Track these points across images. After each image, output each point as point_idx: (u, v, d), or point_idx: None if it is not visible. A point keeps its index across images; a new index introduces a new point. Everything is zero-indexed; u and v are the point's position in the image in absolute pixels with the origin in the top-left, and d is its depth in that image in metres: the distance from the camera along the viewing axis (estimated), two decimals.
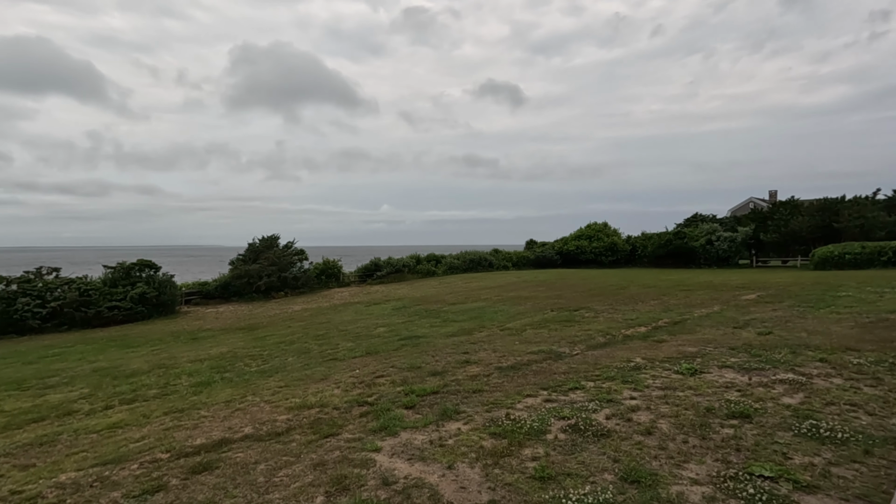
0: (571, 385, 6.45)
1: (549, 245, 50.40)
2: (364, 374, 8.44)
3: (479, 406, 5.79)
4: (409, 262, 34.77)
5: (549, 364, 7.97)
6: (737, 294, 17.46)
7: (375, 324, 16.40)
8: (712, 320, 11.92)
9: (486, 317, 15.81)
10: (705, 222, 46.25)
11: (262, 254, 28.63)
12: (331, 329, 16.05)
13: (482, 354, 9.42)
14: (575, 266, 46.36)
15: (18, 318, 20.29)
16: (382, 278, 32.69)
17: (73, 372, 12.88)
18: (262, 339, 15.50)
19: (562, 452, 4.25)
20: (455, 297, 22.58)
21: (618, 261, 48.14)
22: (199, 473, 4.36)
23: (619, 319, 13.11)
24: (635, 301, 16.91)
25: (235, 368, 11.10)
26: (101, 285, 22.58)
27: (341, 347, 12.42)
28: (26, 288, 21.19)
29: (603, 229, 51.58)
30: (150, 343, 17.22)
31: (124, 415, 7.54)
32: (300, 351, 12.54)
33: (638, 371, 7.03)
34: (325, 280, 31.68)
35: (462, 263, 38.61)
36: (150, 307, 22.97)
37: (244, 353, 12.98)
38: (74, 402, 9.29)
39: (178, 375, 10.90)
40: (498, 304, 18.85)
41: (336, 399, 6.67)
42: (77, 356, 15.45)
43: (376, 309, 20.98)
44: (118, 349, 16.43)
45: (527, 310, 16.78)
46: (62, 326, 20.93)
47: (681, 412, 5.10)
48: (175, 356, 13.74)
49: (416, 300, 22.93)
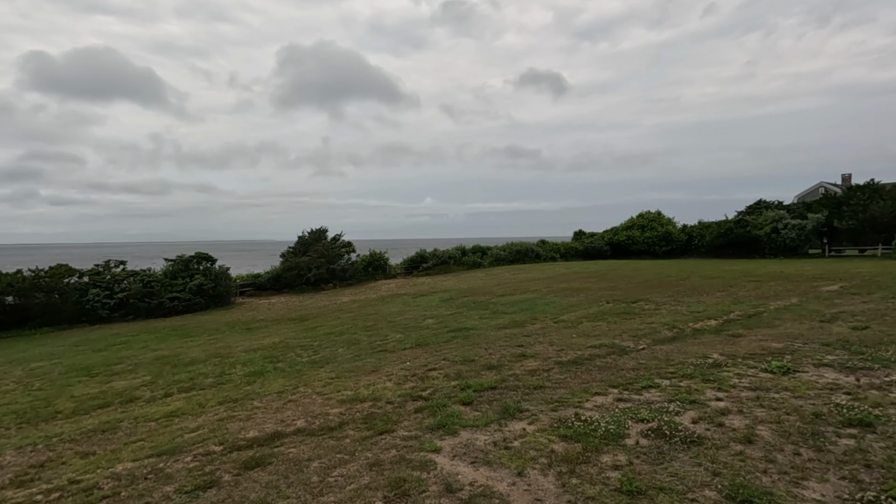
0: (644, 383, 5.85)
1: (598, 235, 48.65)
2: (415, 367, 8.13)
3: (543, 404, 5.31)
4: (454, 253, 34.45)
5: (613, 359, 7.36)
6: (815, 285, 15.94)
7: (423, 315, 16.16)
8: (793, 313, 10.81)
9: (538, 308, 15.21)
10: (770, 209, 43.13)
11: (311, 246, 29.13)
12: (379, 320, 15.96)
13: (538, 348, 8.90)
14: (626, 257, 44.55)
15: (90, 308, 21.56)
16: (428, 270, 32.56)
17: (136, 360, 13.40)
18: (312, 329, 15.62)
19: (647, 461, 3.72)
20: (503, 289, 22.03)
21: (672, 251, 45.88)
22: (251, 469, 4.15)
23: (685, 312, 12.18)
24: (699, 292, 15.78)
25: (287, 358, 11.13)
26: (163, 277, 23.64)
27: (390, 339, 12.23)
28: (96, 280, 22.48)
29: (656, 218, 49.26)
30: (207, 333, 17.78)
31: (181, 403, 7.59)
32: (350, 342, 12.46)
33: (718, 368, 6.32)
34: (371, 272, 31.90)
35: (508, 255, 37.88)
36: (207, 298, 23.84)
37: (295, 344, 13.05)
38: (137, 389, 9.55)
39: (232, 365, 11.05)
40: (548, 296, 18.16)
41: (389, 392, 6.37)
42: (141, 344, 16.14)
43: (423, 300, 20.78)
44: (178, 338, 17.06)
45: (580, 301, 16.02)
46: (128, 316, 22.07)
47: (782, 417, 4.42)
48: (230, 346, 14.04)
49: (463, 292, 22.57)
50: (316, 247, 28.76)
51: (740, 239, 40.61)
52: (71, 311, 21.32)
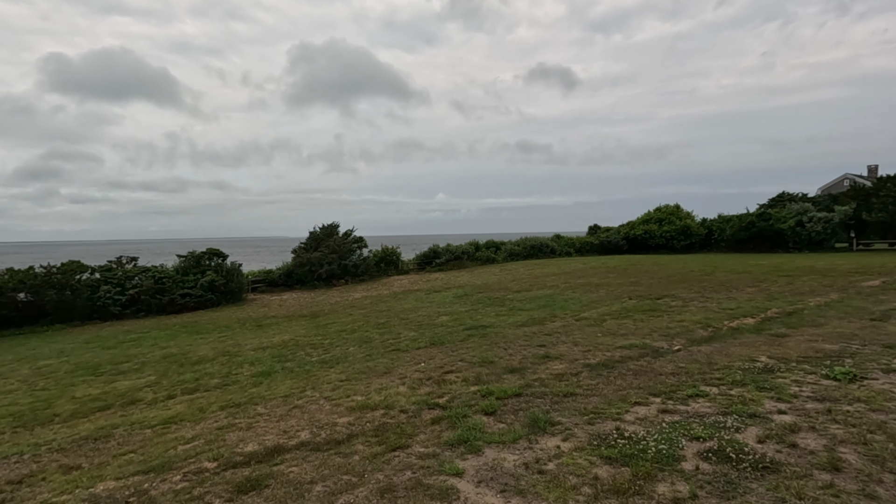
0: (689, 391, 5.20)
1: (613, 230, 47.59)
2: (431, 369, 7.57)
3: (577, 415, 4.70)
4: (468, 248, 33.82)
5: (648, 362, 6.70)
6: (853, 280, 15.02)
7: (437, 312, 15.60)
8: (836, 310, 10.01)
9: (557, 305, 14.55)
10: (794, 202, 41.68)
11: (322, 242, 28.73)
12: (392, 317, 15.44)
13: (562, 348, 8.26)
14: (643, 252, 43.48)
15: (101, 305, 21.39)
16: (441, 266, 31.97)
17: (144, 358, 13.06)
18: (323, 327, 15.16)
19: (715, 493, 3.09)
20: (519, 285, 21.37)
21: (691, 245, 44.70)
22: (245, 493, 3.62)
23: (716, 309, 11.43)
24: (728, 288, 14.96)
25: (297, 358, 10.65)
26: (174, 273, 23.40)
27: (403, 337, 11.68)
28: (107, 276, 22.30)
29: (674, 212, 48.03)
30: (218, 330, 17.43)
31: (182, 407, 7.13)
32: (361, 340, 11.95)
33: (771, 374, 5.63)
34: (384, 267, 31.42)
35: (523, 250, 37.13)
36: (218, 294, 23.55)
37: (306, 342, 12.59)
38: (140, 391, 9.14)
39: (240, 364, 10.61)
40: (567, 292, 17.47)
41: (402, 399, 5.81)
42: (151, 342, 15.84)
43: (437, 297, 20.22)
44: (188, 335, 16.74)
45: (601, 298, 15.31)
46: (139, 313, 21.86)
47: (867, 436, 3.75)
48: (240, 343, 13.63)
49: (477, 288, 21.96)
50: (327, 242, 28.35)
51: (763, 233, 39.33)
52: (83, 308, 21.17)
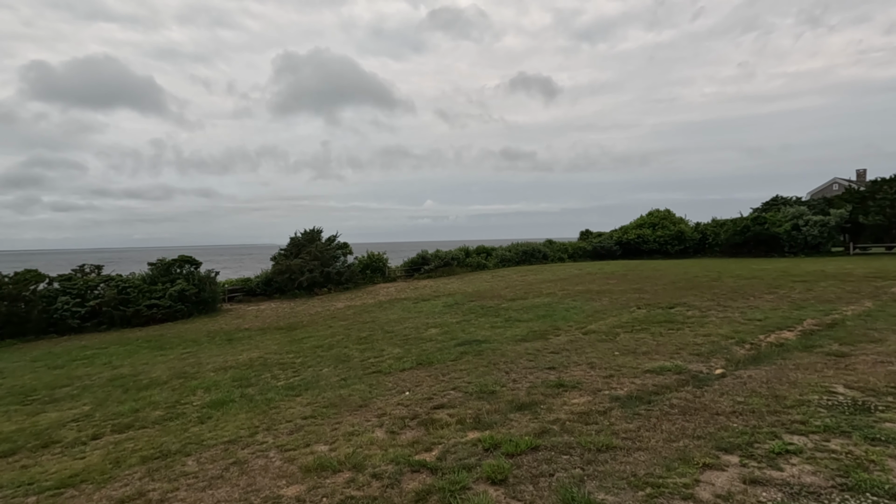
0: (771, 443, 3.80)
1: (606, 235, 46.65)
2: (417, 401, 6.09)
3: (627, 488, 3.26)
4: (458, 254, 32.40)
5: (692, 394, 5.30)
6: (878, 286, 13.85)
7: (426, 324, 14.11)
8: (885, 322, 8.74)
9: (558, 315, 13.15)
10: (789, 205, 41.05)
11: (304, 248, 27.09)
12: (375, 330, 13.92)
13: (577, 372, 6.84)
14: (637, 257, 42.52)
15: (59, 318, 19.54)
16: (430, 272, 30.50)
17: (90, 380, 11.37)
18: (298, 341, 13.58)
19: None
20: (513, 292, 19.97)
21: (685, 250, 43.88)
22: None
23: (741, 319, 10.11)
24: (743, 295, 13.70)
25: (260, 381, 9.08)
26: (141, 283, 21.60)
27: (387, 355, 10.17)
28: (66, 286, 20.46)
29: (667, 216, 47.27)
30: (183, 344, 15.75)
31: (98, 456, 5.55)
32: (338, 358, 10.41)
33: (869, 414, 4.26)
34: (370, 275, 29.86)
35: (514, 255, 35.82)
36: (190, 305, 21.80)
37: (275, 360, 11.01)
38: (63, 427, 7.51)
39: (193, 390, 9.01)
40: (566, 300, 16.10)
41: (378, 453, 4.32)
42: (105, 360, 14.11)
43: (426, 306, 18.73)
44: (149, 351, 15.03)
45: (605, 307, 13.96)
46: (101, 326, 20.06)
47: None
48: (201, 362, 12.00)
49: (469, 296, 20.51)
50: (309, 248, 26.72)
51: (758, 237, 38.57)
52: (38, 322, 19.29)
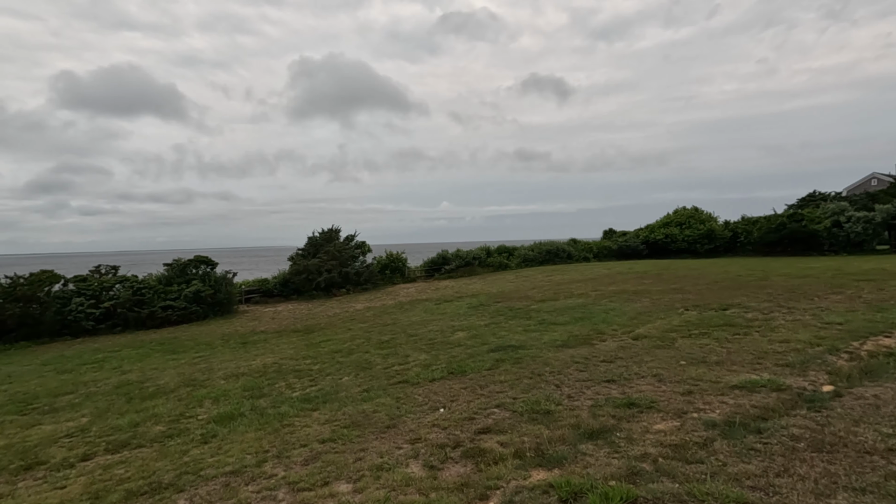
0: None
1: (630, 234, 45.12)
2: (455, 421, 5.09)
3: None
4: (479, 254, 31.35)
5: (811, 420, 4.18)
6: None
7: (451, 326, 13.11)
8: None
9: (597, 318, 12.02)
10: (829, 201, 38.97)
11: (321, 247, 26.36)
12: (398, 333, 12.97)
13: (644, 387, 5.75)
14: (664, 256, 40.91)
15: (73, 320, 19.07)
16: (451, 273, 29.50)
17: (95, 387, 10.65)
18: (316, 345, 12.71)
19: None
20: (541, 293, 18.84)
21: (716, 249, 42.05)
22: None
23: (816, 324, 8.86)
24: (805, 296, 12.36)
25: (273, 392, 8.19)
26: (156, 283, 21.07)
27: (412, 361, 9.19)
28: (81, 287, 20.01)
29: (694, 214, 45.52)
30: (196, 348, 15.04)
31: (77, 489, 4.67)
32: (359, 365, 9.47)
33: None
34: (389, 275, 29.00)
35: (537, 255, 34.60)
36: (205, 306, 21.19)
37: (290, 367, 10.13)
38: (55, 444, 6.71)
39: (201, 400, 8.16)
40: (602, 301, 14.93)
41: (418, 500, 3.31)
42: (115, 364, 13.45)
43: (449, 307, 17.73)
44: (161, 355, 14.35)
45: (648, 308, 12.77)
46: (116, 328, 19.54)
47: None
48: (212, 368, 11.20)
49: (493, 296, 19.45)
50: (327, 248, 25.96)
51: (795, 234, 36.60)
52: (52, 323, 18.86)
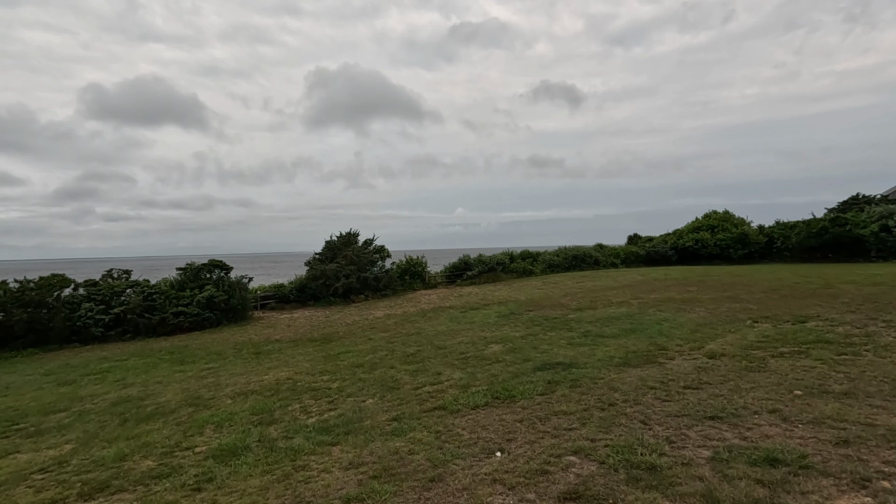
0: None
1: (658, 239, 43.32)
2: (523, 475, 3.80)
3: None
4: (503, 259, 29.97)
5: None
6: None
7: (483, 338, 11.80)
8: None
9: (650, 330, 10.58)
10: (873, 204, 36.65)
11: (340, 252, 25.31)
12: (424, 344, 11.71)
13: (769, 429, 4.36)
14: (695, 262, 39.02)
15: (82, 326, 18.26)
16: (474, 279, 28.17)
17: (91, 403, 9.60)
18: (334, 358, 11.51)
19: None
20: (576, 301, 17.40)
21: (750, 255, 39.97)
22: None
23: None
24: (893, 306, 10.75)
25: (286, 416, 6.97)
26: (169, 289, 20.20)
27: (446, 380, 7.90)
28: (92, 292, 19.24)
29: (727, 218, 43.56)
30: (206, 358, 13.99)
31: None
32: (384, 384, 8.22)
33: None
34: (408, 281, 27.80)
35: (563, 261, 33.08)
36: (219, 313, 20.24)
37: (306, 384, 8.93)
38: (24, 481, 5.58)
39: (202, 426, 6.99)
40: (648, 311, 13.46)
41: None
42: (118, 376, 12.45)
43: (477, 316, 16.41)
44: (169, 366, 13.32)
45: (707, 320, 11.28)
46: (126, 335, 18.69)
47: None
48: (220, 384, 10.07)
49: (523, 304, 18.08)
50: (345, 252, 24.90)
51: (838, 239, 34.38)
52: (61, 330, 18.08)
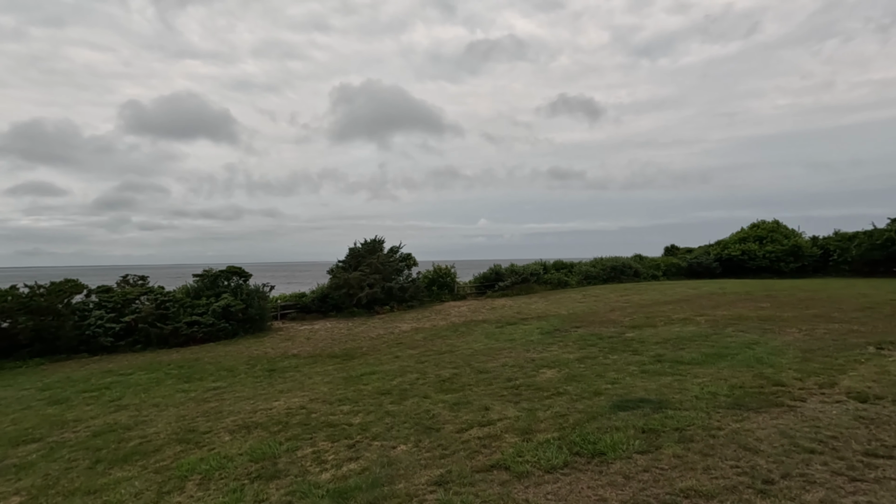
0: None
1: (700, 251, 40.79)
2: None
3: None
4: (536, 269, 27.99)
5: None
6: None
7: (531, 360, 9.93)
8: None
9: (742, 356, 8.55)
10: None
11: (364, 259, 23.80)
12: (460, 366, 9.92)
13: None
14: (741, 275, 36.34)
15: (91, 335, 17.10)
16: (505, 290, 26.28)
17: (72, 432, 8.12)
18: (356, 380, 9.82)
19: None
20: (628, 317, 15.35)
21: (803, 268, 37.08)
22: None
23: None
24: None
25: (293, 469, 5.28)
26: (183, 296, 18.97)
27: (498, 420, 6.09)
28: (103, 299, 18.14)
29: (776, 229, 40.69)
30: (215, 374, 12.50)
31: None
32: (419, 421, 6.45)
33: None
34: (436, 291, 26.11)
35: (601, 272, 30.90)
36: (235, 323, 18.90)
37: (322, 416, 7.23)
38: None
39: (184, 477, 5.35)
40: (725, 330, 11.38)
41: None
42: (116, 394, 11.02)
43: (516, 332, 14.52)
44: (174, 383, 11.87)
45: (809, 344, 9.17)
46: (136, 345, 17.45)
47: None
48: (222, 410, 8.47)
49: (567, 319, 16.11)
50: (369, 260, 23.37)
51: None
52: (70, 339, 16.97)
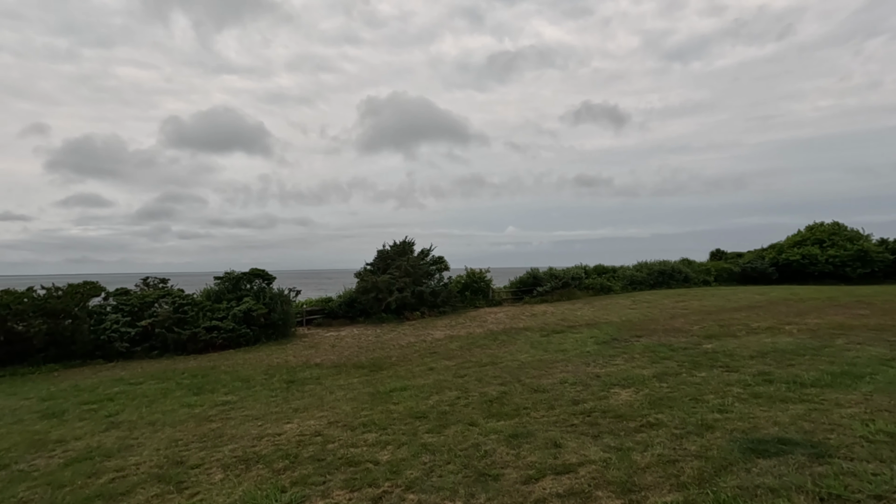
0: None
1: (752, 255, 37.93)
2: None
3: None
4: (578, 273, 25.93)
5: None
6: None
7: (593, 375, 8.10)
8: None
9: (884, 376, 6.51)
10: None
11: (393, 262, 22.33)
12: (509, 382, 8.19)
13: None
14: (800, 281, 33.35)
15: (106, 340, 16.12)
16: (545, 295, 24.33)
17: (48, 456, 6.78)
18: (385, 397, 8.21)
19: None
20: (696, 325, 13.27)
21: (872, 274, 33.69)
22: None
23: None
24: None
25: None
26: (203, 300, 17.89)
27: (576, 461, 4.34)
28: (120, 302, 17.21)
29: (837, 232, 37.37)
30: (228, 386, 11.13)
31: None
32: (468, 461, 4.75)
33: None
34: (469, 297, 24.39)
35: (647, 277, 28.56)
36: (257, 328, 17.69)
37: (341, 447, 5.63)
38: None
39: None
40: (834, 343, 9.28)
41: None
42: (116, 407, 9.76)
43: (566, 342, 12.65)
44: (182, 395, 10.56)
45: None
46: (153, 351, 16.39)
47: None
48: (223, 434, 6.99)
49: (622, 328, 14.14)
50: (399, 262, 21.89)
51: None
52: (85, 343, 16.05)
